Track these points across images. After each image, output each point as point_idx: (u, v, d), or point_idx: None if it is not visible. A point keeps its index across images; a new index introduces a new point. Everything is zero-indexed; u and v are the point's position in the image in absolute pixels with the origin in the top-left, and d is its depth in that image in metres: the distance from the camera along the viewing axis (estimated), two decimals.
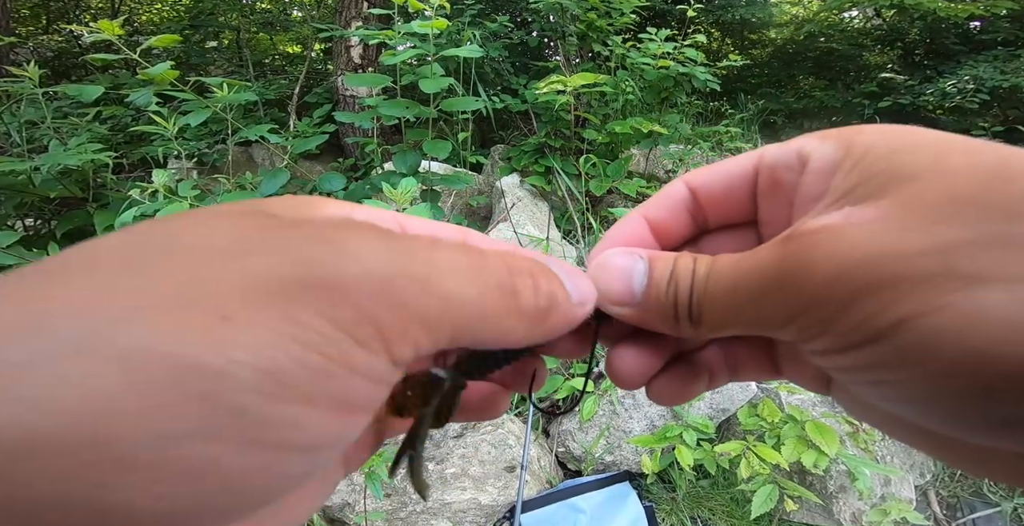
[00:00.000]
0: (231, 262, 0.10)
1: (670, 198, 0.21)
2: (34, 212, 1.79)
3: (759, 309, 0.15)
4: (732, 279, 0.16)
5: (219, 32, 3.53)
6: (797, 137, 0.19)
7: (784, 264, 0.15)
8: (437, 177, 1.46)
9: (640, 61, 2.07)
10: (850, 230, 0.14)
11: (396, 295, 0.11)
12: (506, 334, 0.14)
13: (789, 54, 5.02)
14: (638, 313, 0.19)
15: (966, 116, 3.75)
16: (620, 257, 0.19)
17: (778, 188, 0.19)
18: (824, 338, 0.14)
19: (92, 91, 1.38)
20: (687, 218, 0.21)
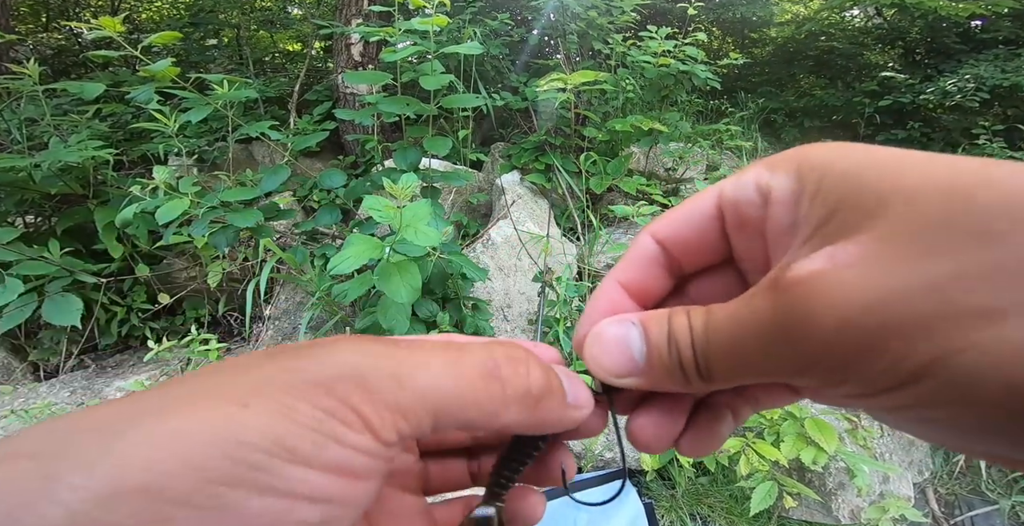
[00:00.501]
0: (250, 372, 0.15)
1: (640, 256, 0.21)
2: (34, 209, 1.79)
3: (767, 361, 0.15)
4: (732, 333, 0.16)
5: (219, 30, 3.52)
6: (747, 168, 0.19)
7: (782, 316, 0.14)
8: (437, 174, 1.45)
9: (640, 59, 2.07)
10: (841, 275, 0.13)
11: (367, 387, 0.15)
12: (494, 417, 0.17)
13: (790, 53, 5.01)
14: (646, 380, 0.18)
15: (966, 115, 3.75)
16: (611, 327, 0.19)
17: (746, 224, 0.18)
18: (846, 386, 0.14)
19: (93, 88, 1.38)
20: (661, 273, 0.21)
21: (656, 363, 0.18)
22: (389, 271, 1.00)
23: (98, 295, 1.69)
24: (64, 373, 1.76)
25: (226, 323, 1.97)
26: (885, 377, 0.13)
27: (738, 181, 0.18)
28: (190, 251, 1.89)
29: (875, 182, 0.14)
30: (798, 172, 0.16)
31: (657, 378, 0.18)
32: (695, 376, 0.17)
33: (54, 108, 1.91)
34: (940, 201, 0.13)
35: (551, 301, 1.46)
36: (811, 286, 0.14)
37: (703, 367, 0.17)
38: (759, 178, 0.18)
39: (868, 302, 0.13)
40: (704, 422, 0.21)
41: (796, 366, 0.14)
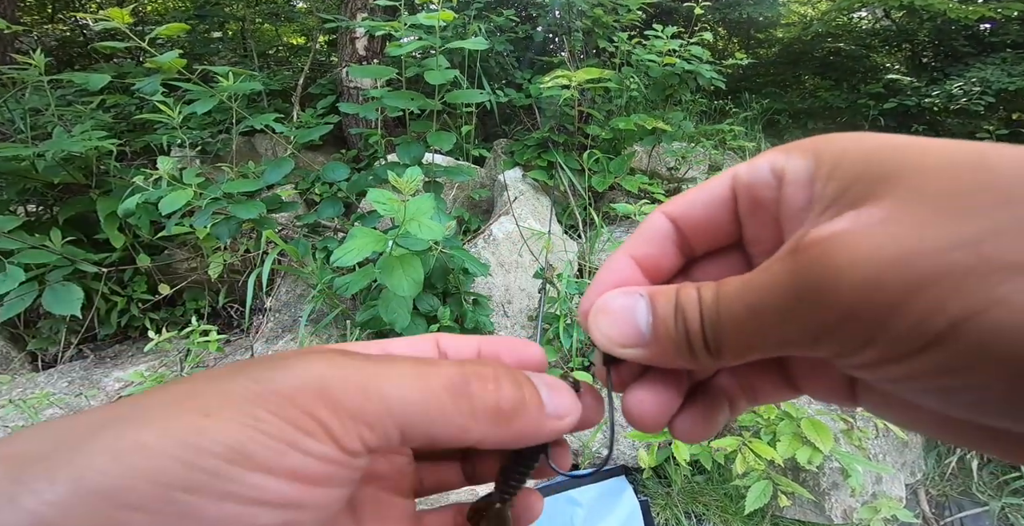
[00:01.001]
0: (217, 384, 0.15)
1: (652, 232, 0.21)
2: (36, 198, 1.79)
3: (785, 329, 0.15)
4: (747, 301, 0.15)
5: (224, 22, 3.51)
6: (761, 154, 0.19)
7: (803, 277, 0.14)
8: (440, 169, 1.46)
9: (645, 58, 2.06)
10: (867, 233, 0.13)
11: (331, 398, 0.15)
12: (463, 432, 0.17)
13: (795, 54, 4.99)
14: (650, 352, 0.18)
15: (971, 119, 3.73)
16: (619, 298, 0.19)
17: (759, 206, 0.18)
18: (870, 350, 0.13)
19: (99, 79, 1.38)
20: (673, 250, 0.21)
21: (662, 334, 0.18)
22: (391, 264, 1.01)
23: (99, 285, 1.69)
24: (63, 363, 1.76)
25: (226, 315, 1.98)
26: (910, 338, 0.12)
27: (752, 164, 0.19)
28: (191, 242, 1.89)
29: (890, 158, 0.14)
30: (814, 154, 0.17)
31: (662, 350, 0.18)
32: (702, 350, 0.17)
33: (58, 98, 1.91)
34: (965, 172, 0.13)
35: (551, 298, 1.47)
36: (834, 244, 0.14)
37: (712, 340, 0.16)
38: (774, 161, 0.18)
39: (896, 257, 0.12)
40: (700, 406, 0.21)
41: (816, 331, 0.14)
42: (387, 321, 1.09)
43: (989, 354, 0.11)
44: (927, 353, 0.12)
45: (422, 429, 0.16)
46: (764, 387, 0.21)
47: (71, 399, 1.54)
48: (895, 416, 0.18)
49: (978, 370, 0.12)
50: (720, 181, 0.20)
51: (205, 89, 1.28)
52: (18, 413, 1.38)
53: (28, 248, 1.44)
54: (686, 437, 0.20)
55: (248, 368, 0.16)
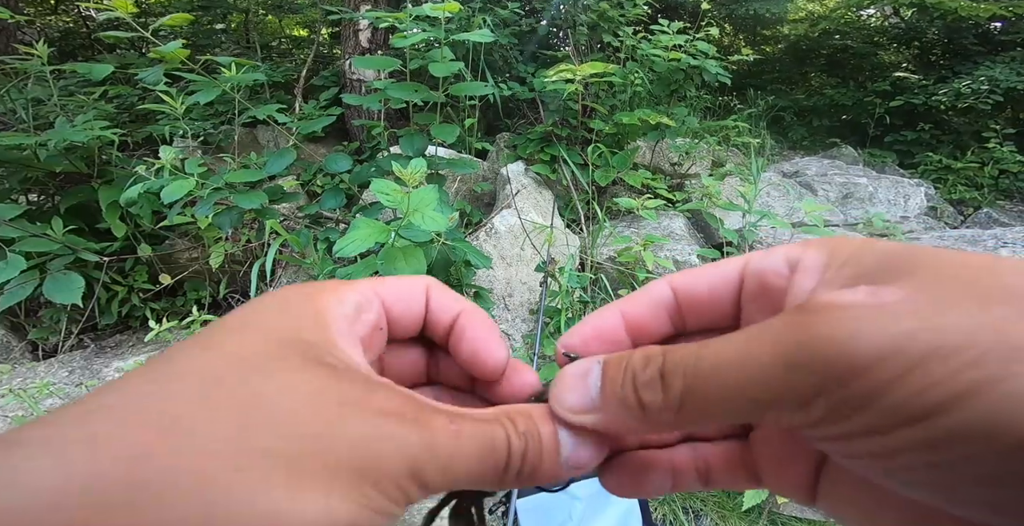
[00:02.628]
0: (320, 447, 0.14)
1: (651, 296, 0.21)
2: (38, 187, 1.79)
3: (773, 384, 0.14)
4: (741, 351, 0.15)
5: (227, 14, 3.50)
6: (779, 246, 0.19)
7: (816, 333, 0.14)
8: (443, 161, 1.45)
9: (651, 52, 2.05)
10: (885, 303, 0.13)
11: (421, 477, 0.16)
12: (486, 487, 0.18)
13: (802, 51, 4.96)
14: (601, 418, 0.18)
15: (978, 117, 3.71)
16: (576, 366, 0.19)
17: (765, 292, 0.19)
18: (859, 417, 0.13)
19: (102, 70, 1.38)
20: (665, 318, 0.21)
21: (609, 397, 0.17)
22: (394, 255, 1.00)
23: (100, 274, 1.69)
24: (63, 353, 1.76)
25: (227, 305, 1.98)
26: (912, 404, 0.12)
27: (767, 253, 0.19)
28: (193, 232, 1.89)
29: (907, 254, 0.15)
30: (830, 248, 0.17)
31: (612, 414, 0.18)
32: (659, 408, 0.16)
33: (61, 89, 1.91)
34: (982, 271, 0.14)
35: (553, 291, 1.46)
36: (852, 310, 0.14)
37: (676, 396, 0.16)
38: (789, 252, 0.18)
39: (916, 328, 0.13)
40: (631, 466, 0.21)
41: (813, 389, 0.14)
42: None
43: (988, 427, 0.12)
44: (921, 423, 0.12)
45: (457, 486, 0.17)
46: (721, 470, 0.21)
47: (71, 389, 1.55)
48: (856, 515, 0.18)
49: (969, 444, 0.12)
50: (732, 263, 0.20)
51: (208, 80, 1.27)
52: (18, 403, 1.38)
53: (29, 237, 1.44)
54: (610, 489, 0.21)
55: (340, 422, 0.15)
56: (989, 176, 3.27)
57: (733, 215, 2.00)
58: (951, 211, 3.12)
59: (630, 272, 1.65)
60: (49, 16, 3.78)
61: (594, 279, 1.70)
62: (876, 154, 3.85)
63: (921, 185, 3.11)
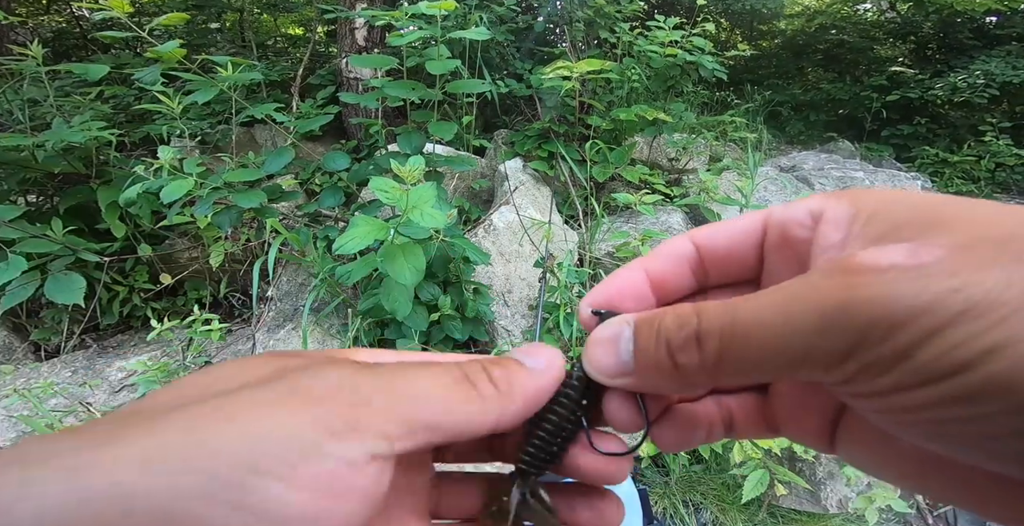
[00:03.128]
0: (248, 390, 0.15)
1: (673, 252, 0.21)
2: (37, 188, 1.79)
3: (810, 344, 0.14)
4: (775, 315, 0.15)
5: (222, 13, 3.48)
6: (801, 198, 0.19)
7: (853, 296, 0.14)
8: (441, 158, 1.45)
9: (647, 48, 2.05)
10: (925, 262, 0.14)
11: (359, 398, 0.16)
12: (479, 418, 0.17)
13: (798, 46, 4.95)
14: (636, 380, 0.18)
15: (974, 111, 3.72)
16: (606, 328, 0.19)
17: (788, 243, 0.19)
18: (893, 373, 0.14)
19: (98, 70, 1.38)
20: (688, 273, 0.21)
21: (643, 360, 0.18)
22: (393, 253, 1.01)
23: (100, 274, 1.69)
24: (65, 353, 1.77)
25: (227, 304, 1.99)
26: (940, 362, 0.13)
27: (789, 204, 0.19)
28: (192, 232, 1.89)
29: (939, 207, 0.15)
30: (854, 201, 0.17)
31: (647, 378, 0.18)
32: (695, 367, 0.16)
33: (56, 90, 1.90)
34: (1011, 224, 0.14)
35: (552, 287, 1.47)
36: (892, 272, 0.14)
37: (711, 359, 0.16)
38: (811, 203, 0.18)
39: (952, 288, 0.13)
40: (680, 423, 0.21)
41: (850, 346, 0.14)
42: (388, 310, 1.10)
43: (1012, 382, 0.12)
44: (951, 379, 0.13)
45: (443, 422, 0.17)
46: (743, 420, 0.21)
47: (74, 389, 1.55)
48: (873, 463, 0.18)
49: (996, 400, 0.12)
50: (753, 216, 0.20)
51: (205, 79, 1.27)
52: (22, 403, 1.38)
53: (29, 237, 1.45)
54: (663, 447, 0.21)
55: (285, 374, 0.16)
56: (986, 169, 3.28)
57: (730, 210, 2.01)
58: None
59: None
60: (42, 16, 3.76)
61: (593, 274, 1.71)
62: (873, 148, 3.86)
63: (918, 178, 3.12)
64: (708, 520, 1.45)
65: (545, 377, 0.19)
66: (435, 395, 0.17)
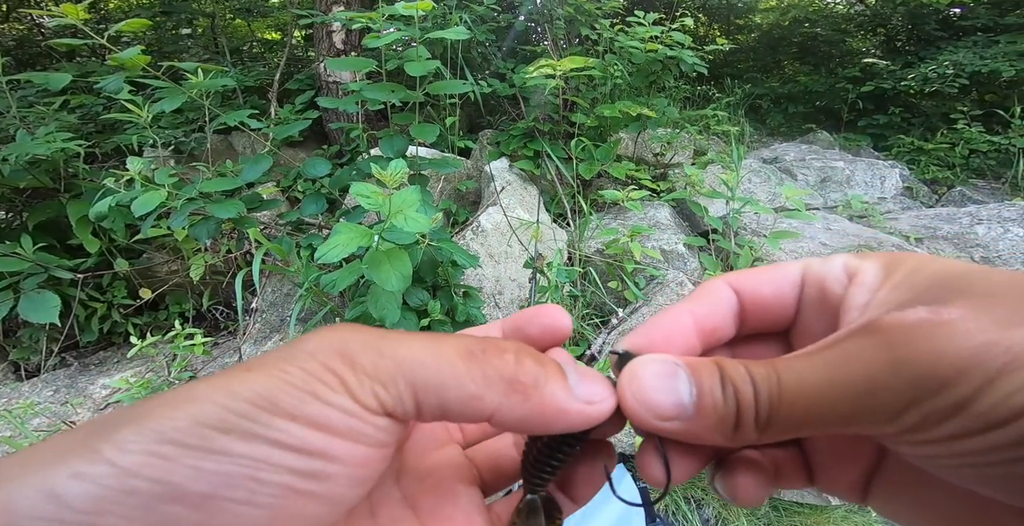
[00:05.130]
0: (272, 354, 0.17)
1: (717, 298, 0.21)
2: (4, 203, 1.72)
3: (860, 402, 0.15)
4: (822, 379, 0.16)
5: (193, 19, 3.40)
6: (836, 254, 0.20)
7: (899, 354, 0.15)
8: (425, 161, 1.43)
9: (628, 44, 2.05)
10: (948, 322, 0.15)
11: (349, 355, 0.16)
12: (476, 399, 0.17)
13: (774, 39, 5.03)
14: (690, 426, 0.18)
15: (946, 100, 3.81)
16: (654, 365, 0.18)
17: (824, 298, 0.19)
18: (949, 423, 0.14)
19: (59, 79, 1.32)
20: (732, 320, 0.21)
21: (708, 409, 0.17)
22: (378, 259, 0.98)
23: (75, 291, 1.64)
24: (46, 372, 1.71)
25: (211, 317, 1.93)
26: (995, 411, 0.14)
27: (827, 260, 0.20)
28: (171, 244, 1.84)
29: (959, 276, 0.16)
30: (886, 264, 0.18)
31: (704, 425, 0.17)
32: (750, 426, 0.17)
33: (19, 100, 1.83)
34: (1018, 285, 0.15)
35: (542, 287, 1.46)
36: (927, 329, 0.15)
37: (763, 416, 0.17)
38: (848, 261, 0.19)
39: (988, 342, 0.14)
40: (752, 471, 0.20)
41: (906, 402, 0.15)
42: (376, 317, 1.07)
43: None
44: (1008, 426, 0.14)
45: (434, 392, 0.16)
46: (787, 470, 0.21)
47: (57, 407, 1.50)
48: (907, 512, 0.19)
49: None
50: (790, 267, 0.21)
51: (172, 86, 1.23)
52: (4, 423, 1.34)
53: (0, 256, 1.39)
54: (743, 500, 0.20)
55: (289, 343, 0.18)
56: (960, 156, 3.36)
57: (717, 203, 2.02)
58: (926, 190, 3.20)
59: (618, 264, 1.65)
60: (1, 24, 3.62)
61: (583, 273, 1.70)
62: (851, 138, 3.93)
63: (896, 166, 3.18)
64: (711, 516, 1.45)
65: (586, 413, 0.18)
66: (427, 362, 0.17)
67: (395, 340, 0.17)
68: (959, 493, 0.17)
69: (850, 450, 0.20)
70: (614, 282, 1.65)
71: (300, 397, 0.15)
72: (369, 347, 0.17)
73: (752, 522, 1.42)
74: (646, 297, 1.60)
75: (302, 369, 0.16)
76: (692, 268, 1.81)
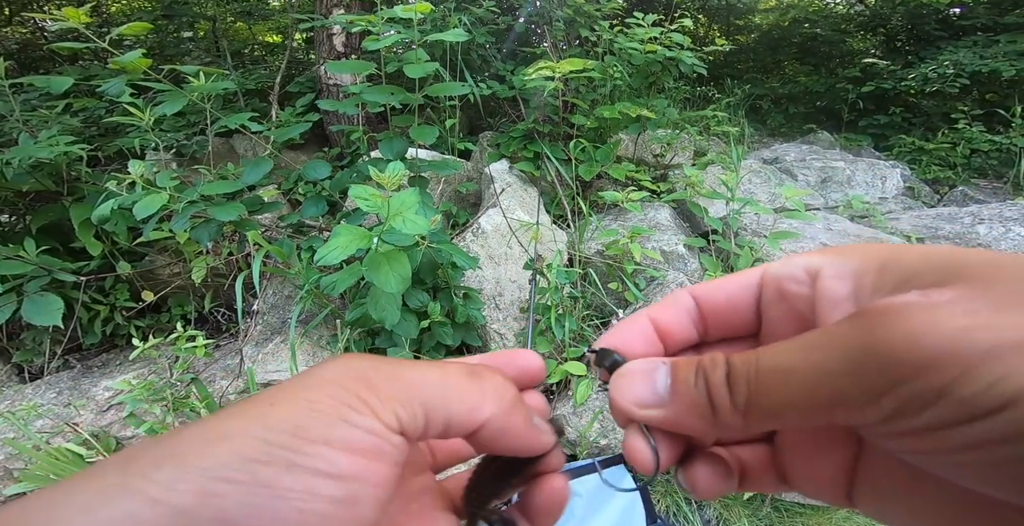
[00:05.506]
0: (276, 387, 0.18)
1: (676, 304, 0.22)
2: (8, 207, 1.73)
3: (839, 387, 0.15)
4: (800, 360, 0.16)
5: (194, 22, 3.41)
6: (795, 255, 0.20)
7: (876, 338, 0.14)
8: (425, 163, 1.43)
9: (627, 46, 2.05)
10: (943, 304, 0.14)
11: (370, 382, 0.18)
12: (476, 412, 0.19)
13: (774, 39, 5.03)
14: (668, 413, 0.19)
15: (946, 100, 3.81)
16: (640, 363, 0.20)
17: (784, 299, 0.20)
18: (927, 412, 0.14)
19: (61, 82, 1.33)
20: (689, 325, 0.22)
21: (682, 394, 0.18)
22: (378, 261, 0.99)
23: (78, 294, 1.64)
24: (49, 374, 1.72)
25: (213, 319, 1.94)
26: (979, 400, 0.13)
27: (784, 262, 0.20)
28: (172, 247, 1.85)
29: (950, 256, 0.16)
30: (859, 254, 0.18)
31: (680, 411, 0.18)
32: (727, 409, 0.17)
33: (22, 103, 1.84)
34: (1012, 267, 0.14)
35: (542, 288, 1.46)
36: (910, 311, 0.14)
37: (741, 398, 0.17)
38: (808, 261, 0.19)
39: (970, 326, 0.13)
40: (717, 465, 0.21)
41: (882, 387, 0.14)
42: (376, 319, 1.07)
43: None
44: (989, 418, 0.13)
45: (443, 407, 0.18)
46: (755, 471, 0.21)
47: (60, 409, 1.51)
48: (900, 512, 0.18)
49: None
50: (749, 273, 0.21)
51: (173, 89, 1.23)
52: (8, 425, 1.34)
53: (3, 259, 1.40)
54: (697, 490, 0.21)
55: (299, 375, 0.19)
56: (961, 156, 3.35)
57: (717, 203, 2.02)
58: (927, 190, 3.19)
59: (618, 265, 1.66)
60: (4, 28, 3.65)
61: (583, 274, 1.70)
62: (851, 138, 3.93)
63: (897, 166, 3.18)
64: (712, 516, 1.44)
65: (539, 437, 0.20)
66: (434, 383, 0.19)
67: (405, 366, 0.19)
68: (955, 490, 0.16)
69: (820, 446, 0.20)
70: (614, 283, 1.65)
71: (331, 422, 0.16)
72: (383, 372, 0.18)
73: (753, 523, 1.41)
74: (646, 298, 1.60)
75: (328, 396, 0.17)
76: (692, 269, 1.81)
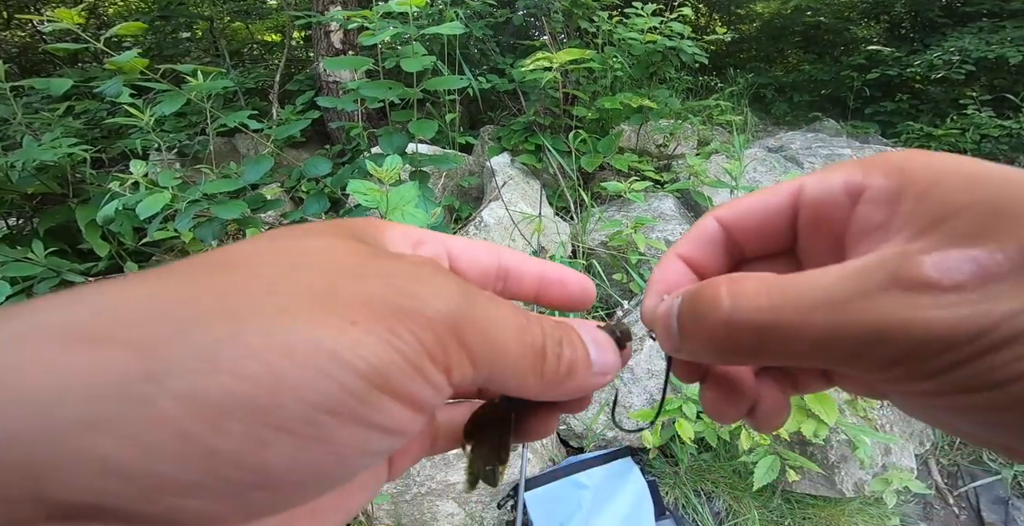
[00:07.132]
0: (355, 283, 0.14)
1: (703, 235, 0.21)
2: (15, 210, 1.75)
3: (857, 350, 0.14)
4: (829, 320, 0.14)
5: (192, 23, 3.41)
6: (835, 167, 0.18)
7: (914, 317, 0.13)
8: (426, 158, 1.43)
9: (627, 36, 2.03)
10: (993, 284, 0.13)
11: (461, 333, 0.15)
12: (524, 387, 0.17)
13: (777, 28, 4.97)
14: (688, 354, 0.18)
15: (953, 86, 3.74)
16: (663, 305, 0.19)
17: (823, 223, 0.18)
18: (940, 379, 0.13)
19: (60, 85, 1.33)
20: (721, 252, 0.21)
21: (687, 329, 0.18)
22: None
23: None
24: None
25: None
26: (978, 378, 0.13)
27: (823, 179, 0.18)
28: (178, 246, 1.85)
29: (1003, 191, 0.14)
30: (902, 172, 0.16)
31: (695, 350, 0.18)
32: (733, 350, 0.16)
33: (24, 106, 1.85)
34: None
35: None
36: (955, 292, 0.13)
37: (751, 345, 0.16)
38: (850, 177, 0.17)
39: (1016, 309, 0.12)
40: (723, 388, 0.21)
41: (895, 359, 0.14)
42: None
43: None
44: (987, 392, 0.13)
45: (502, 378, 0.16)
46: (804, 377, 0.22)
47: None
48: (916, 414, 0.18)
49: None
50: (781, 191, 0.19)
51: (171, 89, 1.23)
52: None
53: (12, 261, 1.41)
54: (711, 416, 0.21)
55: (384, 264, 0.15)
56: (971, 141, 3.30)
57: (721, 192, 2.00)
58: None
59: (622, 256, 1.64)
60: (3, 31, 3.66)
61: (587, 265, 1.69)
62: (858, 125, 3.88)
63: None
64: (721, 508, 1.44)
65: (596, 383, 0.19)
66: (512, 353, 0.16)
67: (493, 317, 0.16)
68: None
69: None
70: (619, 274, 1.64)
71: (411, 374, 0.14)
72: (477, 326, 0.15)
73: (764, 515, 1.41)
74: None
75: (417, 340, 0.14)
76: None
